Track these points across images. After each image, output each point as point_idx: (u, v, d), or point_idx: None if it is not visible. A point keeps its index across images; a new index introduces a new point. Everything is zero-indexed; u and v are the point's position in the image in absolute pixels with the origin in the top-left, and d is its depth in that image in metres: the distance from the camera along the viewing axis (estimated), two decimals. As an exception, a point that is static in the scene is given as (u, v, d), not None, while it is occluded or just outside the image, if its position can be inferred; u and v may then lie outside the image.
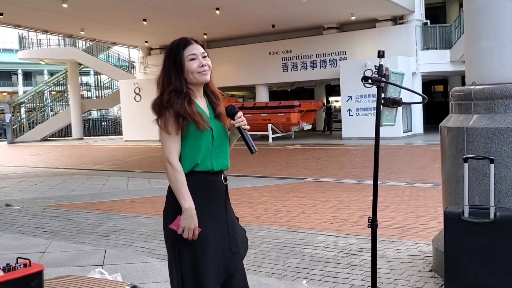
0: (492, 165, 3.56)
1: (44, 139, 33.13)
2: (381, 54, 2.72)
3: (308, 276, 4.58)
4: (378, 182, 3.23)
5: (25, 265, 2.97)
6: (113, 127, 37.88)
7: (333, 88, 29.28)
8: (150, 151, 21.99)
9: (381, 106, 2.69)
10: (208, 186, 2.70)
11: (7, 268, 2.89)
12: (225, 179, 2.78)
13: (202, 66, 2.69)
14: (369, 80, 2.62)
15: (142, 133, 27.35)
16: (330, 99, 31.23)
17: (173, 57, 2.71)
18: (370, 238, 5.69)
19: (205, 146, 2.68)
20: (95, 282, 3.69)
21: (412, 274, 4.45)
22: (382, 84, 2.60)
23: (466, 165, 3.66)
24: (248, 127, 2.77)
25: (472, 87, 4.07)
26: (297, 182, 11.32)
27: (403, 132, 21.68)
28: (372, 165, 3.12)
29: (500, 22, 3.91)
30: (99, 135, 36.27)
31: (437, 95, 29.42)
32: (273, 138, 23.20)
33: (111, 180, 12.92)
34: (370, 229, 3.22)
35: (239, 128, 2.75)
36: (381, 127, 2.90)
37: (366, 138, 20.51)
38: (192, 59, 2.69)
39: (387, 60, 16.70)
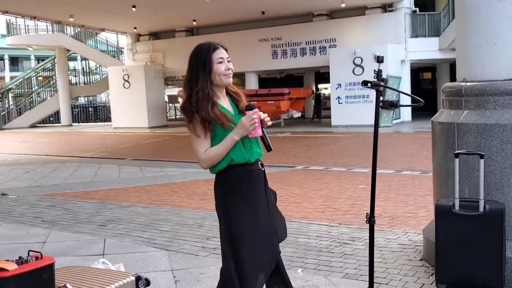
0: (482, 161, 3.72)
1: (33, 126, 33.02)
2: (380, 60, 2.85)
3: (303, 265, 4.74)
4: (367, 170, 3.36)
5: (36, 257, 3.08)
6: (102, 113, 37.78)
7: (322, 76, 29.44)
8: (140, 138, 22.05)
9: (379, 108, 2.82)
10: (248, 177, 2.90)
11: (20, 261, 3.00)
12: (262, 165, 2.97)
13: (228, 69, 2.90)
14: (369, 84, 2.75)
15: (131, 120, 27.39)
16: (319, 86, 31.38)
17: (202, 59, 2.87)
18: (362, 228, 5.91)
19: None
20: (101, 272, 3.81)
21: (404, 263, 4.62)
22: (381, 88, 2.73)
23: (457, 160, 3.82)
24: (270, 123, 2.93)
25: (463, 83, 4.22)
26: (287, 171, 11.48)
27: (392, 120, 21.92)
28: (361, 153, 3.21)
29: (490, 21, 4.05)
30: (87, 122, 36.19)
31: (425, 83, 29.70)
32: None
33: (102, 168, 13.00)
34: (364, 221, 3.36)
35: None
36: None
37: (355, 125, 20.73)
38: (220, 62, 2.87)
39: (376, 48, 17.00)
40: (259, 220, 2.89)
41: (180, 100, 32.42)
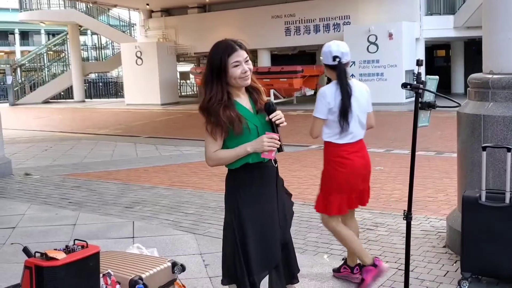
0: (509, 154, 3.80)
1: (46, 102, 33.20)
2: (419, 63, 2.93)
3: (328, 251, 4.87)
4: (382, 150, 3.47)
5: (82, 246, 3.22)
6: (113, 89, 37.87)
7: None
8: (153, 115, 22.18)
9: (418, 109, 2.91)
10: (262, 174, 2.95)
11: (68, 250, 3.14)
12: (275, 162, 2.99)
13: (245, 72, 2.86)
14: (408, 87, 2.83)
15: (144, 97, 27.48)
16: (332, 63, 31.19)
17: (218, 62, 2.84)
18: (384, 213, 6.02)
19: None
20: (138, 258, 3.96)
21: (427, 250, 4.74)
22: (420, 91, 2.82)
23: (484, 153, 3.91)
24: (285, 124, 2.93)
25: (490, 76, 4.29)
26: (302, 150, 11.56)
27: (406, 98, 21.86)
28: (375, 131, 3.21)
29: (519, 15, 4.11)
30: (99, 97, 36.32)
31: (439, 60, 29.48)
32: (275, 104, 23.31)
33: (119, 146, 13.17)
34: (386, 206, 3.47)
35: (272, 124, 2.89)
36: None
37: (368, 104, 20.71)
38: (236, 66, 2.84)
39: (391, 26, 16.93)
40: (267, 215, 2.96)
41: (192, 76, 32.48)
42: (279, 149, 2.89)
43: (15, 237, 5.33)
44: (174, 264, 3.86)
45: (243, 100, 2.95)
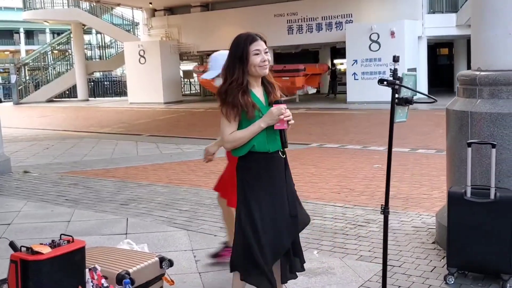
0: (493, 150, 3.83)
1: (50, 100, 33.35)
2: (396, 59, 2.96)
3: (318, 246, 4.90)
4: (382, 148, 3.49)
5: (68, 241, 3.27)
6: (117, 88, 37.98)
7: (338, 51, 29.26)
8: (156, 114, 22.25)
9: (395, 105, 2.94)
10: (268, 163, 3.09)
11: (53, 245, 3.19)
12: (283, 153, 3.13)
13: (264, 61, 3.05)
14: (385, 83, 2.87)
15: (147, 96, 27.57)
16: (335, 61, 31.23)
17: (240, 50, 3.05)
18: (377, 210, 6.04)
19: None
20: (126, 253, 4.01)
21: (416, 246, 4.77)
22: (397, 86, 2.85)
23: (469, 149, 3.94)
24: (293, 121, 3.07)
25: (477, 72, 4.31)
26: (302, 148, 11.60)
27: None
28: (376, 130, 3.29)
29: (505, 12, 4.12)
30: (103, 96, 36.43)
31: (442, 59, 29.45)
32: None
33: (120, 144, 13.22)
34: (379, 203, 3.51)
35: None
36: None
37: (370, 102, 20.73)
38: (256, 54, 3.04)
39: (393, 24, 16.96)
40: (274, 206, 3.08)
41: (195, 75, 32.53)
42: (284, 145, 3.09)
43: (9, 233, 5.38)
44: (162, 259, 3.90)
45: (258, 92, 3.14)
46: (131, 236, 5.21)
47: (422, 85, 23.33)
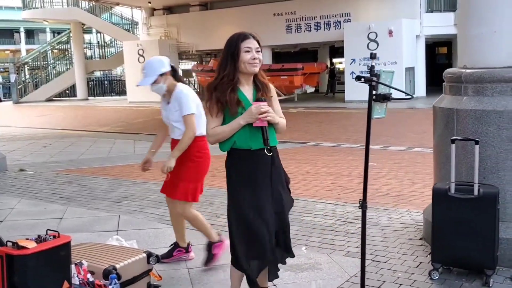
0: (477, 146, 3.87)
1: (49, 99, 33.41)
2: (373, 56, 3.01)
3: (307, 243, 4.94)
4: (379, 147, 3.53)
5: (54, 236, 3.30)
6: (117, 87, 38.04)
7: (337, 50, 29.31)
8: (154, 113, 22.22)
9: (373, 101, 2.99)
10: (251, 160, 3.15)
11: (39, 240, 3.22)
12: (270, 151, 3.16)
13: (254, 58, 3.12)
14: (362, 79, 2.91)
15: (146, 95, 27.42)
16: (334, 60, 31.27)
17: (232, 47, 3.13)
18: (368, 207, 6.07)
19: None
20: (114, 249, 4.05)
21: (404, 242, 4.81)
22: (374, 83, 2.89)
23: (453, 146, 3.97)
24: (270, 118, 3.10)
25: (463, 70, 4.34)
26: (299, 147, 11.64)
27: (405, 95, 21.88)
28: (373, 129, 3.34)
29: (490, 10, 4.15)
30: (103, 95, 36.47)
31: (441, 57, 29.45)
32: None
33: (117, 143, 13.27)
34: (370, 200, 3.55)
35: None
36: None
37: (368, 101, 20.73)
38: (247, 51, 3.11)
39: (391, 23, 17.07)
40: (258, 202, 3.13)
41: (194, 74, 32.56)
42: (265, 143, 3.10)
43: (1, 230, 5.41)
44: (149, 255, 3.94)
45: (246, 90, 3.20)
46: (122, 233, 5.25)
47: (421, 84, 23.38)
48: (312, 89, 25.88)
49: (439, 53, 29.91)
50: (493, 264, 3.83)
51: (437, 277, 3.95)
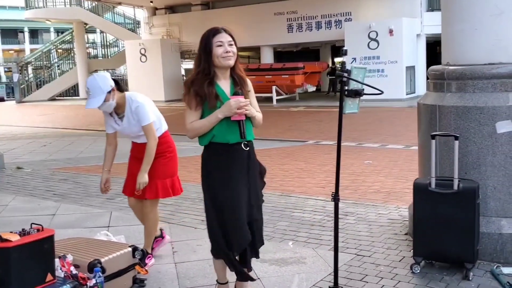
0: (456, 142, 3.92)
1: (52, 99, 33.54)
2: (343, 53, 3.08)
3: (294, 238, 5.01)
4: (377, 145, 3.59)
5: (38, 229, 3.38)
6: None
7: (338, 49, 29.32)
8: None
9: (345, 97, 3.04)
10: (228, 154, 3.21)
11: (23, 233, 3.30)
12: (247, 146, 3.24)
13: (227, 52, 3.17)
14: (333, 75, 2.98)
15: (148, 94, 27.29)
16: (336, 60, 31.30)
17: (204, 43, 3.21)
18: (357, 203, 6.14)
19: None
20: (100, 243, 4.13)
21: (389, 237, 4.86)
22: (345, 79, 2.95)
23: (433, 141, 4.03)
24: (248, 112, 3.16)
25: (446, 67, 4.40)
26: (297, 145, 11.69)
27: (406, 94, 21.89)
28: (372, 127, 3.40)
29: (471, 7, 4.20)
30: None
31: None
32: (277, 100, 23.45)
33: (117, 141, 13.29)
34: (361, 196, 3.59)
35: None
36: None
37: (368, 100, 20.74)
38: (219, 46, 3.17)
39: (391, 22, 17.05)
40: (233, 195, 3.19)
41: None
42: (241, 136, 3.17)
43: (-6, 226, 5.51)
44: (134, 249, 4.01)
45: (223, 84, 3.25)
46: (112, 229, 5.32)
47: (421, 83, 23.36)
48: (313, 88, 25.89)
49: (440, 52, 29.78)
50: (473, 258, 3.88)
51: (418, 271, 4.00)
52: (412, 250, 4.41)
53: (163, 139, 4.40)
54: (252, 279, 3.45)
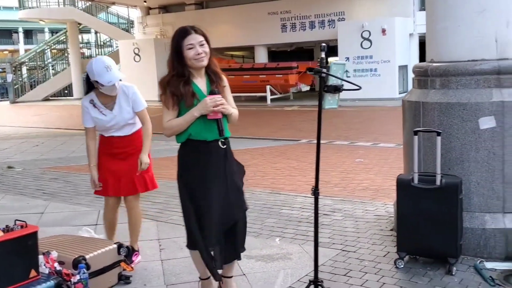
0: (439, 138, 3.95)
1: (46, 99, 33.45)
2: (322, 49, 3.11)
3: (281, 234, 5.04)
4: (369, 144, 3.61)
5: (22, 226, 3.39)
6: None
7: (332, 49, 29.34)
8: (150, 111, 22.01)
9: (324, 92, 3.07)
10: (204, 152, 3.22)
11: (6, 229, 3.31)
12: (224, 144, 3.25)
13: (198, 54, 3.17)
14: (312, 72, 3.00)
15: (142, 93, 27.29)
16: (329, 59, 31.28)
17: (175, 45, 3.21)
18: (345, 200, 6.17)
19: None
20: (86, 240, 4.15)
21: (374, 233, 4.90)
22: (323, 75, 2.98)
23: (416, 137, 4.07)
24: (224, 110, 3.19)
25: (430, 64, 4.43)
26: (291, 144, 11.71)
27: (399, 93, 21.93)
28: (365, 126, 3.44)
29: (455, 5, 4.24)
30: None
31: (436, 55, 29.48)
32: (271, 99, 23.43)
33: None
34: (349, 193, 3.62)
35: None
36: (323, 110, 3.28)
37: (362, 99, 20.82)
38: (190, 48, 3.16)
39: (384, 21, 17.11)
40: (210, 192, 3.21)
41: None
42: (220, 133, 3.18)
43: (-18, 224, 5.51)
44: (120, 246, 4.03)
45: (200, 82, 3.26)
46: (100, 226, 5.32)
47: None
48: (307, 88, 25.88)
49: (434, 51, 29.95)
50: (456, 253, 3.91)
51: (402, 266, 4.03)
52: (396, 246, 4.46)
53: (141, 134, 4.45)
54: (219, 279, 3.42)
